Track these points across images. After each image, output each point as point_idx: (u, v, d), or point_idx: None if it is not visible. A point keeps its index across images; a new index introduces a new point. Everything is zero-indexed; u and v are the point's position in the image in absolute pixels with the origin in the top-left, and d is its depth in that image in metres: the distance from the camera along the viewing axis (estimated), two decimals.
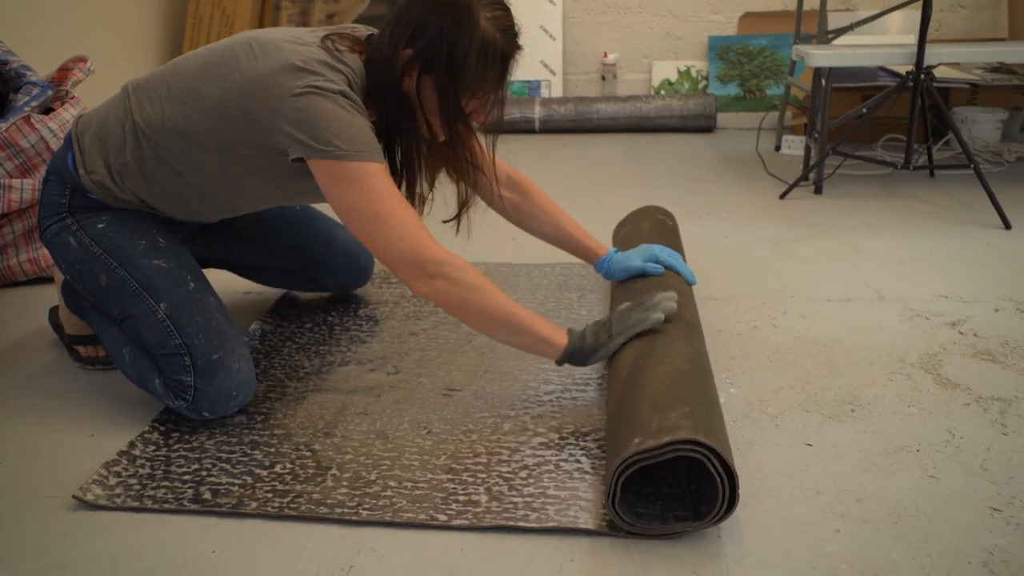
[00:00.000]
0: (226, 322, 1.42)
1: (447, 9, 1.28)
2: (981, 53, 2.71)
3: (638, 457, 1.04)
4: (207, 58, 1.37)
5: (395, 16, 1.32)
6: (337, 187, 1.28)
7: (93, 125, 1.43)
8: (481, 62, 1.30)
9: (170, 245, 1.46)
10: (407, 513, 1.13)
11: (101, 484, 1.21)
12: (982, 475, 1.19)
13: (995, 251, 2.13)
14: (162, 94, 1.38)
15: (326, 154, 1.26)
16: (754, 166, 3.14)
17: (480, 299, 1.29)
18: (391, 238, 1.28)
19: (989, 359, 1.55)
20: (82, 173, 1.41)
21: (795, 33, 3.32)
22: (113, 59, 3.65)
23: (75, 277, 1.45)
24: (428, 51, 1.29)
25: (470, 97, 1.33)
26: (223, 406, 1.37)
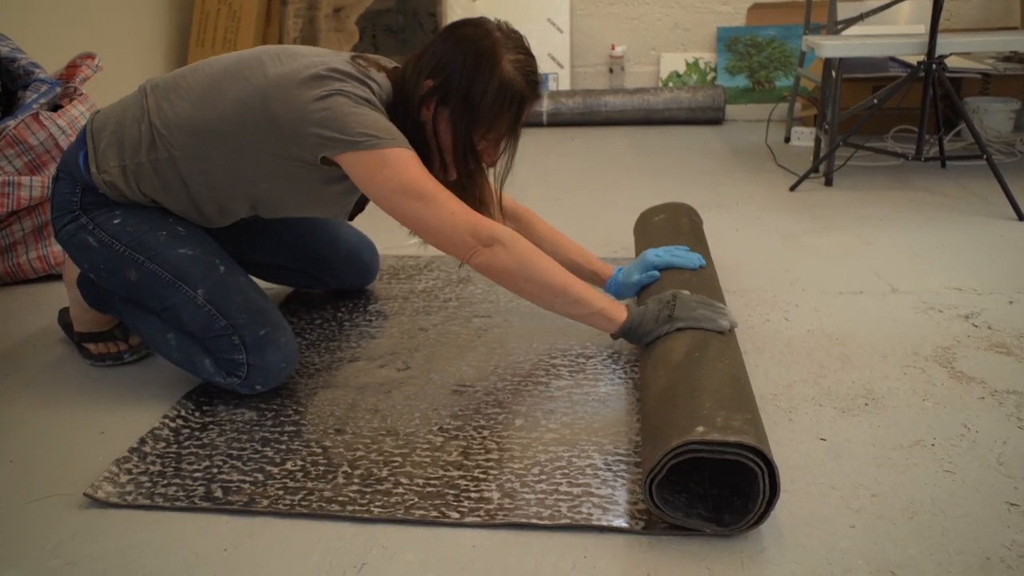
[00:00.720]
0: (262, 298, 1.45)
1: (471, 46, 1.32)
2: (993, 42, 2.68)
3: (699, 446, 1.02)
4: (230, 63, 1.38)
5: (423, 48, 1.37)
6: (378, 174, 1.29)
7: (110, 124, 1.42)
8: (498, 102, 1.33)
9: (190, 232, 1.46)
10: (419, 510, 1.12)
11: (112, 481, 1.20)
12: (998, 469, 1.18)
13: (1008, 242, 2.11)
14: (182, 94, 1.38)
15: (362, 144, 1.28)
16: (764, 158, 3.12)
17: (537, 267, 1.31)
18: (443, 214, 1.29)
19: (1004, 352, 1.53)
20: (94, 172, 1.40)
21: (805, 24, 3.29)
22: (121, 55, 3.65)
23: (102, 276, 1.46)
24: (447, 85, 1.33)
25: (483, 135, 1.37)
26: (275, 377, 1.42)
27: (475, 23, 1.36)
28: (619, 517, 1.09)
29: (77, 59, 2.21)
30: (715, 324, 1.30)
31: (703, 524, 1.06)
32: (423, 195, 1.29)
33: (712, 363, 1.19)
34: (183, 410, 1.41)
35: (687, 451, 1.03)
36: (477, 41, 1.33)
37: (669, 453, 1.03)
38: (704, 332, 1.29)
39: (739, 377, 1.18)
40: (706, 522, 1.06)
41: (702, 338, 1.27)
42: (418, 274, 1.99)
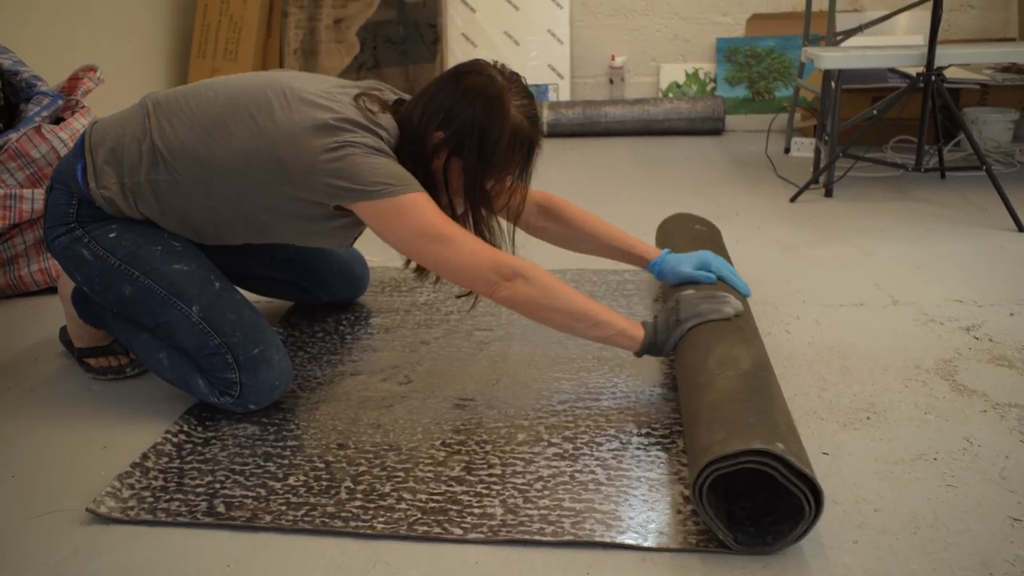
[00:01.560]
0: (256, 316, 1.45)
1: (479, 96, 1.34)
2: (992, 54, 2.69)
3: (767, 460, 1.01)
4: (237, 95, 1.38)
5: (427, 95, 1.39)
6: (394, 221, 1.31)
7: (108, 140, 1.42)
8: (510, 149, 1.36)
9: (185, 247, 1.46)
10: (422, 526, 1.12)
11: (114, 497, 1.20)
12: (1001, 484, 1.18)
13: (1009, 254, 2.12)
14: (184, 120, 1.38)
15: (377, 194, 1.30)
16: (764, 169, 3.13)
17: (559, 297, 1.34)
18: (462, 254, 1.32)
19: (1005, 364, 1.53)
20: (92, 187, 1.40)
21: (804, 35, 3.30)
22: (122, 68, 3.66)
23: (95, 290, 1.46)
24: (459, 136, 1.35)
25: (495, 181, 1.39)
26: (268, 397, 1.42)
27: (477, 70, 1.38)
28: (623, 533, 1.09)
29: (79, 72, 2.22)
30: (721, 314, 1.36)
31: (726, 535, 1.05)
32: (443, 237, 1.31)
33: (768, 376, 1.20)
34: (185, 425, 1.41)
35: (760, 461, 1.01)
36: (483, 90, 1.35)
37: (747, 453, 1.02)
38: (745, 338, 1.30)
39: (780, 395, 1.19)
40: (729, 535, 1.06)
41: (756, 345, 1.29)
42: (420, 287, 1.99)
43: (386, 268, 2.12)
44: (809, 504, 1.01)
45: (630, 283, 1.96)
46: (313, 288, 1.82)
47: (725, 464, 1.03)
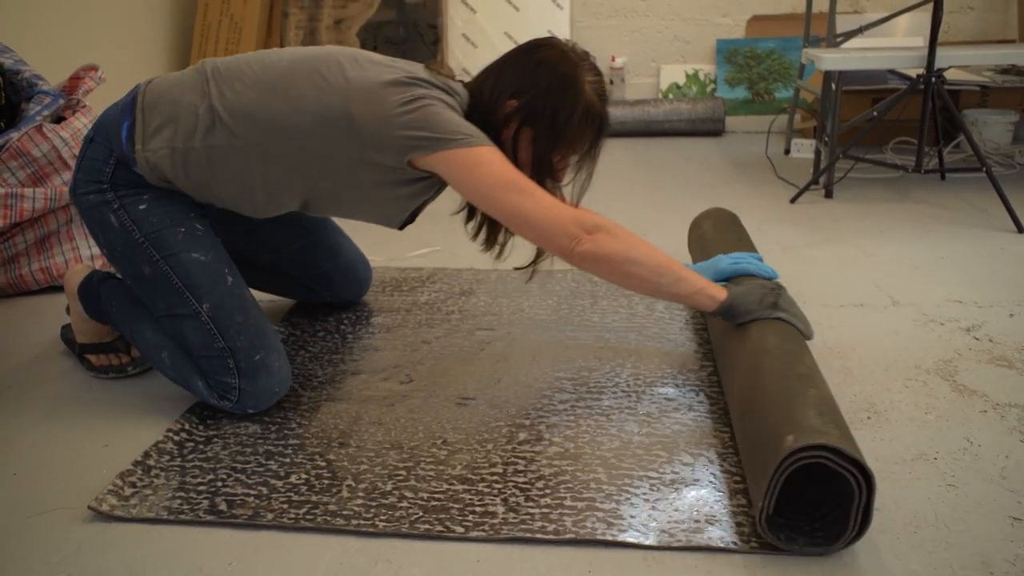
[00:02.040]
0: (262, 318, 1.45)
1: (553, 69, 1.35)
2: (992, 56, 2.70)
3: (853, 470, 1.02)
4: (303, 58, 1.38)
5: (499, 66, 1.40)
6: (474, 171, 1.30)
7: (163, 102, 1.39)
8: (581, 125, 1.37)
9: (206, 233, 1.45)
10: (424, 524, 1.12)
11: (116, 495, 1.21)
12: (1001, 483, 1.18)
13: (1008, 255, 2.12)
14: (247, 82, 1.36)
15: (456, 143, 1.29)
16: (764, 170, 3.14)
17: (642, 249, 1.33)
18: (542, 207, 1.30)
19: (1005, 365, 1.54)
20: (138, 149, 1.37)
21: (804, 36, 3.31)
22: (123, 68, 3.66)
23: (114, 257, 1.44)
24: (532, 106, 1.35)
25: (562, 156, 1.40)
26: (266, 402, 1.42)
27: (550, 44, 1.40)
28: (624, 532, 1.09)
29: (80, 71, 2.22)
30: (807, 328, 1.37)
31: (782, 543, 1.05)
32: (524, 189, 1.30)
33: (823, 383, 1.19)
34: (187, 423, 1.41)
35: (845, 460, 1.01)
36: (557, 64, 1.36)
37: (823, 449, 1.01)
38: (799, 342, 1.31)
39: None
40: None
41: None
42: (420, 286, 1.99)
43: (387, 268, 2.12)
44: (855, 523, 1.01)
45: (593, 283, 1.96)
46: (318, 287, 1.82)
47: (819, 454, 1.01)
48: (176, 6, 4.11)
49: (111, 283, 1.57)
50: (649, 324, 1.73)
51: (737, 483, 1.18)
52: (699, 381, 1.48)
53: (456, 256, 2.23)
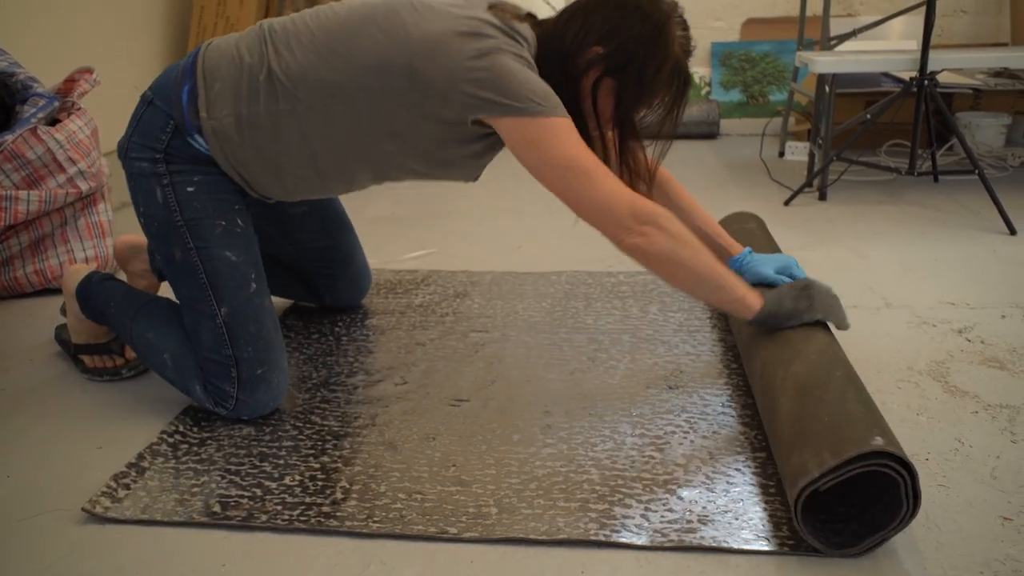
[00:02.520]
0: (274, 330, 1.43)
1: (646, 20, 1.29)
2: (985, 59, 2.71)
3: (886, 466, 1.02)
4: (359, 11, 1.32)
5: (586, 9, 1.32)
6: (540, 144, 1.24)
7: (224, 65, 1.34)
8: (668, 81, 1.32)
9: (245, 230, 1.42)
10: (417, 526, 1.12)
11: (110, 497, 1.21)
12: (992, 484, 1.19)
13: (1001, 257, 2.13)
14: (304, 42, 1.31)
15: (525, 111, 1.23)
16: (758, 172, 3.15)
17: (689, 251, 1.28)
18: (603, 190, 1.25)
19: (997, 366, 1.54)
20: (203, 117, 1.33)
21: (798, 39, 3.32)
22: (118, 69, 3.66)
23: (149, 231, 1.43)
24: (620, 56, 1.29)
25: (646, 110, 1.34)
26: (261, 412, 1.42)
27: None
28: (616, 532, 1.09)
29: (75, 73, 2.22)
30: (843, 321, 1.36)
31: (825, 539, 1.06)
32: (586, 171, 1.24)
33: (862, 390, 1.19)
34: (181, 425, 1.41)
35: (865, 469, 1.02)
36: (651, 13, 1.29)
37: (875, 455, 1.02)
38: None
39: None
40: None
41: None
42: (415, 288, 2.00)
43: (382, 270, 2.12)
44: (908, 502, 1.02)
45: (624, 284, 1.97)
46: (323, 289, 1.82)
47: (851, 469, 1.02)
48: (171, 8, 4.11)
49: (111, 283, 1.57)
50: (643, 326, 1.74)
51: (730, 482, 1.19)
52: (692, 383, 1.49)
53: (451, 258, 2.23)
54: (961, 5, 3.88)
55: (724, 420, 1.36)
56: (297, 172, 1.40)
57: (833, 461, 1.01)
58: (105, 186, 2.20)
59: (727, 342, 1.65)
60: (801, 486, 1.03)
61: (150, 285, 1.75)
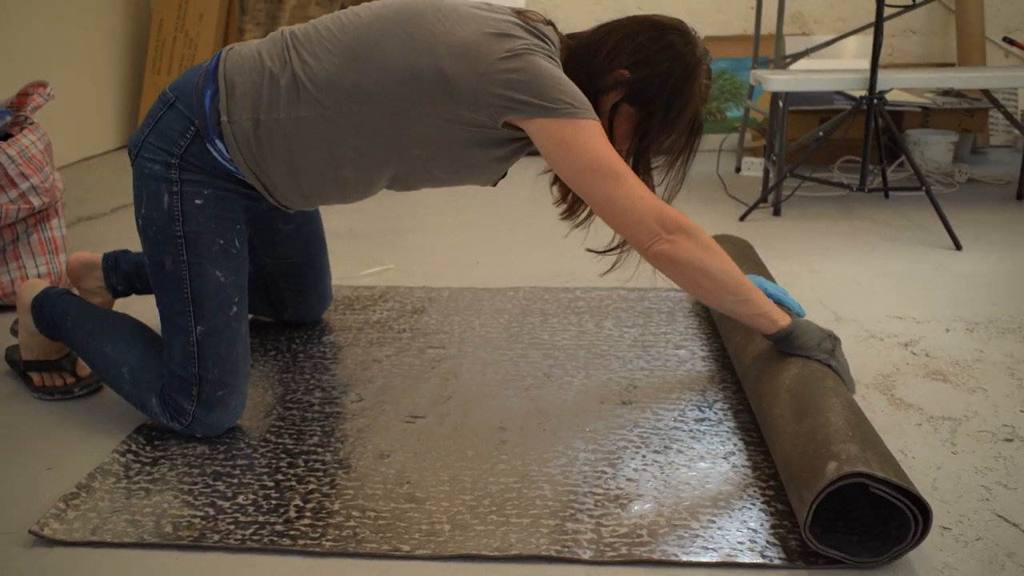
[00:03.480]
0: (243, 357, 1.42)
1: (679, 61, 1.32)
2: (930, 79, 2.79)
3: (883, 489, 1.05)
4: (384, 15, 1.32)
5: (622, 30, 1.34)
6: (573, 147, 1.25)
7: (246, 70, 1.33)
8: (685, 124, 1.35)
9: (240, 252, 1.41)
10: (370, 544, 1.13)
11: (58, 518, 1.19)
12: (933, 494, 1.22)
13: (947, 271, 2.19)
14: (329, 48, 1.31)
15: (558, 112, 1.23)
16: (715, 188, 3.20)
17: (717, 262, 1.28)
18: (633, 196, 1.25)
19: (940, 379, 1.59)
20: (224, 121, 1.32)
21: (753, 58, 3.38)
22: (74, 84, 3.62)
23: (146, 233, 1.39)
24: (645, 88, 1.32)
25: (659, 149, 1.37)
26: (215, 432, 1.42)
27: (681, 31, 1.35)
28: (567, 547, 1.11)
29: (28, 87, 2.19)
30: (851, 385, 1.36)
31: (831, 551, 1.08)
32: (617, 175, 1.25)
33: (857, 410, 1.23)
34: (134, 444, 1.40)
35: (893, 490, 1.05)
36: (684, 56, 1.32)
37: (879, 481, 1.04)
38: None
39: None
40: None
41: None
42: (373, 305, 2.00)
43: (340, 286, 2.12)
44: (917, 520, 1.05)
45: (581, 300, 1.99)
46: (288, 303, 1.82)
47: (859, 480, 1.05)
48: (130, 22, 4.08)
49: (68, 297, 1.55)
50: (598, 342, 1.76)
51: (680, 496, 1.21)
52: (645, 398, 1.51)
53: (409, 274, 2.24)
54: (910, 25, 3.98)
55: (676, 435, 1.38)
56: (316, 178, 1.38)
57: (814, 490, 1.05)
58: (59, 201, 2.18)
59: (680, 356, 1.68)
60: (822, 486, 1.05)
61: (104, 302, 1.73)
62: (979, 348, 1.71)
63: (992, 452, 1.33)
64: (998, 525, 1.15)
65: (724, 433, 1.39)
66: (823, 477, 1.05)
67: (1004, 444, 1.35)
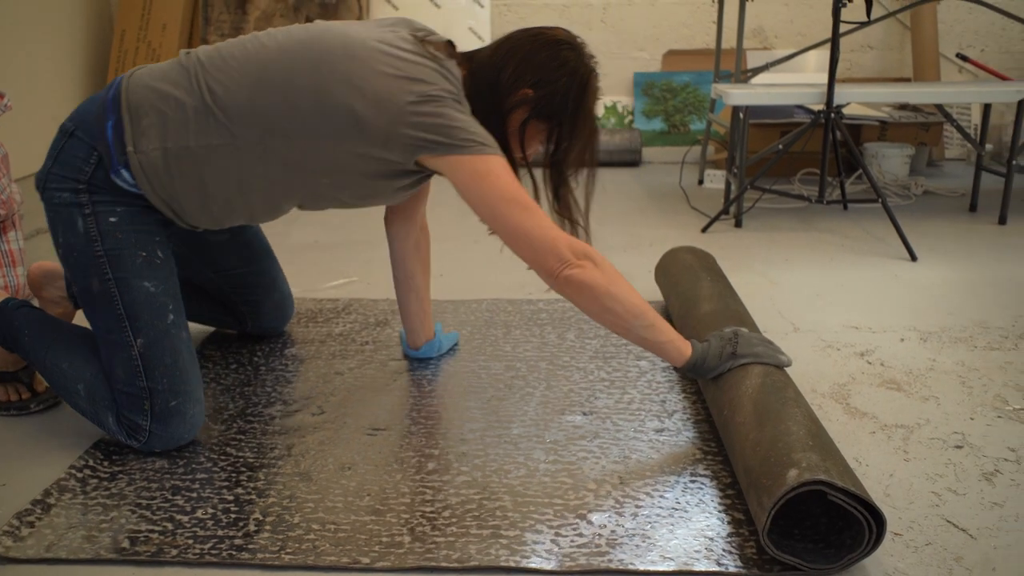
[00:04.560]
0: (191, 363, 1.42)
1: (575, 75, 1.39)
2: (886, 94, 2.85)
3: (843, 499, 1.07)
4: (292, 48, 1.34)
5: (519, 51, 1.40)
6: (484, 181, 1.31)
7: (150, 99, 1.33)
8: (588, 133, 1.43)
9: (165, 262, 1.41)
10: (330, 556, 1.13)
11: (12, 536, 1.18)
12: (885, 501, 1.25)
13: (902, 282, 2.23)
14: (237, 78, 1.32)
15: (468, 149, 1.30)
16: (678, 200, 3.23)
17: (622, 289, 1.33)
18: (541, 226, 1.32)
19: (894, 387, 1.62)
20: (130, 151, 1.32)
21: (715, 72, 3.43)
22: (33, 94, 3.58)
23: (68, 261, 1.40)
24: (549, 105, 1.39)
25: (571, 157, 1.43)
26: (173, 445, 1.41)
27: (572, 44, 1.41)
28: (527, 558, 1.11)
29: None
30: (776, 359, 1.39)
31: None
32: (528, 206, 1.32)
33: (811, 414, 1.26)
34: (91, 459, 1.38)
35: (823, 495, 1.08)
36: (578, 69, 1.40)
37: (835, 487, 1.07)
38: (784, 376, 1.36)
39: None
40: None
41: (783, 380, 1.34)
42: (336, 317, 2.00)
43: (303, 299, 2.12)
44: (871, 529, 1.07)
45: (543, 312, 2.00)
46: (245, 316, 1.81)
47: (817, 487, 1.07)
48: (91, 32, 4.04)
49: (27, 310, 1.53)
50: (560, 353, 1.77)
51: (639, 506, 1.22)
52: (607, 409, 1.53)
53: (371, 286, 2.24)
54: (868, 41, 4.07)
55: (635, 445, 1.40)
56: (226, 204, 1.40)
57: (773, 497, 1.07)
58: (16, 214, 2.15)
59: (641, 368, 1.70)
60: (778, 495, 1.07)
61: (65, 312, 1.71)
62: (932, 357, 1.75)
63: (943, 459, 1.36)
64: (947, 530, 1.18)
65: (683, 443, 1.41)
66: (784, 484, 1.07)
67: (954, 451, 1.39)
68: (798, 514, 1.17)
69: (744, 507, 1.22)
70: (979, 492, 1.27)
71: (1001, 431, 1.45)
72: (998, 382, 1.63)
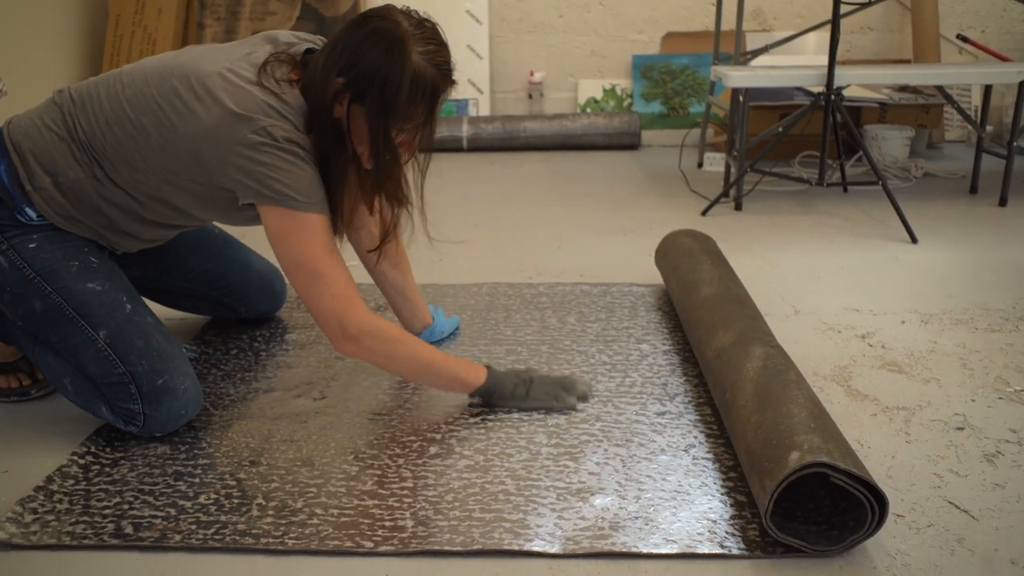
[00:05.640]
0: (166, 342, 1.42)
1: (380, 41, 1.29)
2: (886, 76, 2.84)
3: (845, 481, 1.07)
4: (143, 88, 1.35)
5: (331, 42, 1.34)
6: (285, 237, 1.33)
7: (33, 140, 1.39)
8: (411, 96, 1.31)
9: (102, 264, 1.43)
10: (333, 541, 1.13)
11: (15, 522, 1.18)
12: (888, 483, 1.25)
13: (903, 264, 2.23)
14: (101, 119, 1.37)
15: (281, 203, 1.31)
16: (677, 183, 3.22)
17: (403, 350, 1.39)
18: (324, 296, 1.34)
19: (896, 370, 1.62)
20: (29, 190, 1.37)
21: (714, 54, 3.42)
22: (29, 80, 3.56)
23: (5, 301, 1.41)
24: (359, 81, 1.30)
25: (399, 129, 1.34)
26: (174, 425, 1.41)
27: (382, 14, 1.32)
28: (530, 541, 1.12)
29: None
30: (564, 403, 1.46)
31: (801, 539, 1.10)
32: (314, 273, 1.33)
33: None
34: (93, 446, 1.38)
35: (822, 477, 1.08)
36: (386, 34, 1.29)
37: (833, 468, 1.07)
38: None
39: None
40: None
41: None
42: None
43: None
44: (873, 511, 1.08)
45: (544, 296, 2.00)
46: (234, 303, 1.81)
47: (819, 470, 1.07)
48: (86, 17, 4.01)
49: None
50: (561, 337, 1.77)
51: (641, 489, 1.23)
52: (608, 392, 1.53)
53: None
54: (868, 22, 4.05)
55: (637, 428, 1.40)
56: (120, 224, 1.45)
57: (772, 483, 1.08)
58: None
59: (643, 351, 1.70)
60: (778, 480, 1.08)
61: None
62: (933, 339, 1.75)
63: (944, 441, 1.36)
64: (949, 511, 1.18)
65: (685, 426, 1.41)
66: (786, 466, 1.07)
67: (955, 433, 1.39)
68: (801, 496, 1.18)
69: (746, 489, 1.22)
70: (981, 473, 1.27)
71: (1002, 412, 1.45)
72: (999, 364, 1.64)
